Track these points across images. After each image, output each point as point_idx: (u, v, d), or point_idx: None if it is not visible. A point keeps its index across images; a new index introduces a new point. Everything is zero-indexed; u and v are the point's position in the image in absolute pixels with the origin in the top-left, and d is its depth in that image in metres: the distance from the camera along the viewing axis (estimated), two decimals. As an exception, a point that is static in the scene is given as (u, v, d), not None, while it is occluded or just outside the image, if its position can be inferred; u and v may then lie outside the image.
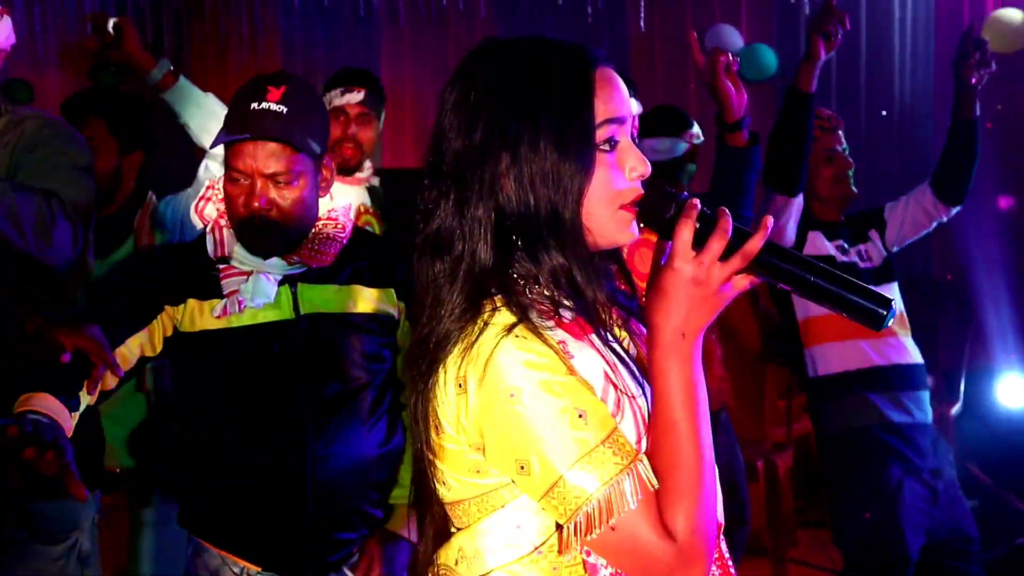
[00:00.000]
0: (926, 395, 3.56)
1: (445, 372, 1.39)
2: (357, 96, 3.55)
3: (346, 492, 2.40)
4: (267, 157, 2.29)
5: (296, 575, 2.42)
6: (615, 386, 1.39)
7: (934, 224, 3.80)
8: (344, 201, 3.57)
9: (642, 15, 5.68)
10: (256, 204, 2.29)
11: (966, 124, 3.69)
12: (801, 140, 3.32)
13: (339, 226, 2.46)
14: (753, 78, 5.58)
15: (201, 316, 2.36)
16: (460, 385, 1.37)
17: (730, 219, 1.37)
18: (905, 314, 3.56)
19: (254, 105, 2.28)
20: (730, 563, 1.52)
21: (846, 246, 3.62)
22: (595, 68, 1.42)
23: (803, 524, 5.50)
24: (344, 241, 2.45)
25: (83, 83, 5.58)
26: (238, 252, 2.37)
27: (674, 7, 6.42)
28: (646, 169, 1.43)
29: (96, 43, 3.16)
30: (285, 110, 2.28)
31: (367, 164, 3.71)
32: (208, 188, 2.46)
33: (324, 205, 2.48)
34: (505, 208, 1.39)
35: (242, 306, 2.34)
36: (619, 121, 1.42)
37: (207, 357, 2.39)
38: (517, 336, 1.35)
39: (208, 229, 2.40)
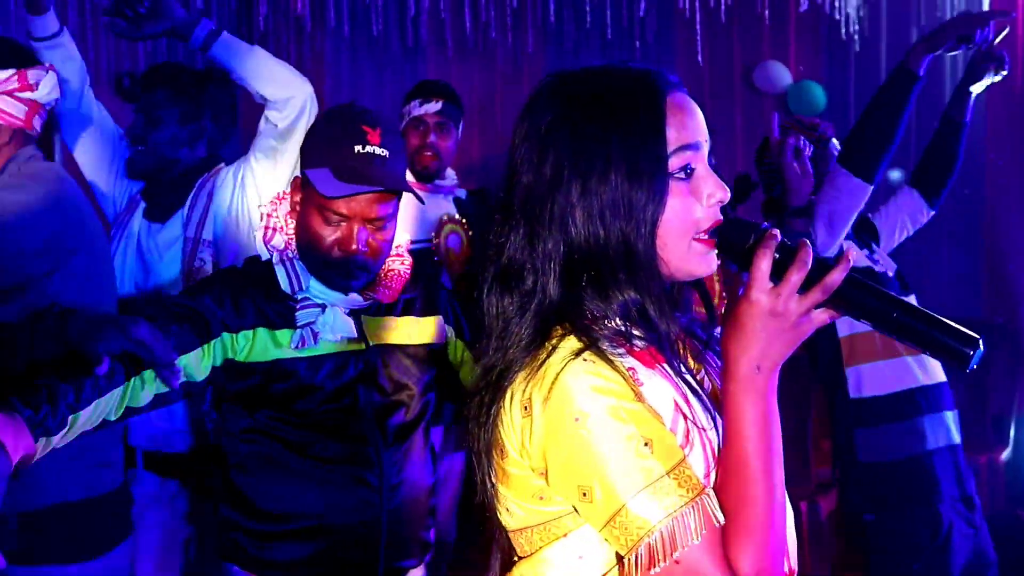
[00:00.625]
0: (957, 415, 3.46)
1: (511, 396, 1.39)
2: (436, 106, 3.74)
3: (413, 520, 2.44)
4: (373, 203, 2.29)
5: None
6: (685, 417, 1.38)
7: (915, 229, 3.68)
8: (429, 210, 3.71)
9: (698, 50, 5.67)
10: (354, 247, 2.29)
11: (961, 126, 3.53)
12: (895, 124, 3.14)
13: (406, 262, 2.48)
14: (802, 114, 5.57)
15: (274, 346, 2.33)
16: (525, 408, 1.37)
17: (811, 250, 1.35)
18: None
19: (358, 148, 2.28)
20: None
21: (870, 255, 3.48)
22: (667, 94, 1.40)
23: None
24: (408, 276, 2.47)
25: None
26: (313, 286, 2.35)
27: (723, 43, 6.43)
28: (725, 195, 1.41)
29: (129, 18, 3.04)
30: (387, 154, 2.29)
31: (450, 173, 3.84)
32: (269, 216, 2.43)
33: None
34: (575, 241, 1.38)
35: (317, 339, 2.32)
36: (693, 148, 1.40)
37: (279, 384, 2.35)
38: (585, 360, 1.34)
39: (276, 261, 2.37)
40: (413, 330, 2.48)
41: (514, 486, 1.42)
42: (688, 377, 1.43)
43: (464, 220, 3.84)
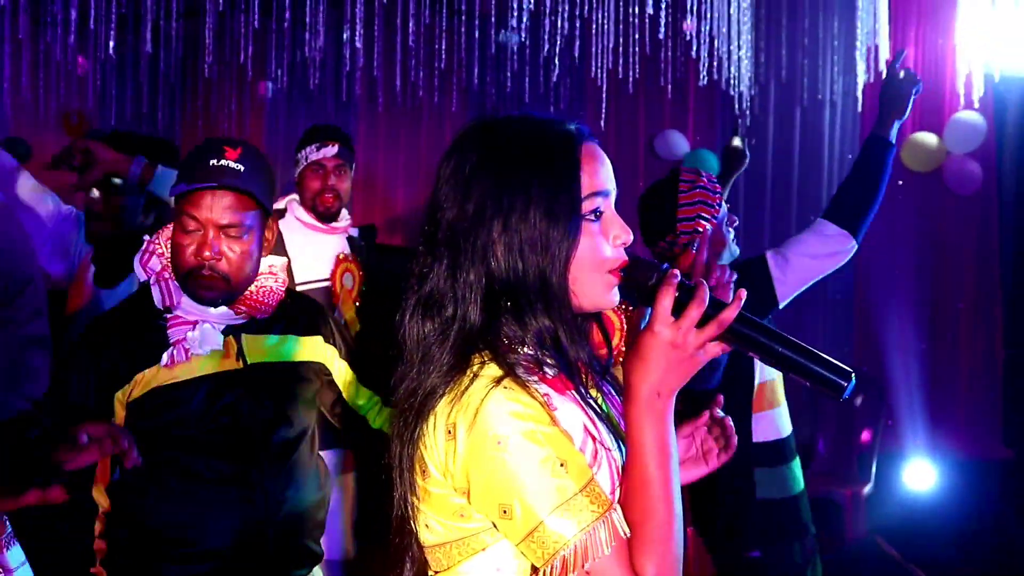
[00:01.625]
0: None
1: (435, 419, 1.43)
2: (332, 150, 3.76)
3: (300, 532, 2.46)
4: (223, 209, 2.33)
5: None
6: (594, 438, 1.44)
7: (836, 264, 3.38)
8: (327, 249, 3.78)
9: (605, 117, 6.12)
10: (207, 253, 2.32)
11: (885, 144, 3.38)
12: (878, 188, 3.28)
13: (279, 280, 2.52)
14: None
15: (154, 377, 2.36)
16: (449, 431, 1.41)
17: (707, 290, 1.44)
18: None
19: (213, 161, 2.33)
20: None
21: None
22: (581, 144, 1.49)
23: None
24: (283, 294, 2.51)
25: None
26: (184, 302, 2.39)
27: (629, 112, 6.88)
28: (628, 237, 1.50)
29: (69, 171, 3.19)
30: (243, 168, 2.34)
31: (345, 214, 3.89)
32: (150, 243, 2.47)
33: (266, 261, 2.51)
34: (495, 273, 1.45)
35: (188, 354, 2.35)
36: (603, 194, 1.49)
37: (160, 412, 2.37)
38: (505, 387, 1.40)
39: (152, 281, 2.42)
40: (294, 348, 2.50)
41: (435, 504, 1.46)
42: (592, 402, 1.50)
43: (356, 260, 3.90)
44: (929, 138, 6.14)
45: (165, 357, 2.34)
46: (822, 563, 3.44)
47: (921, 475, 6.09)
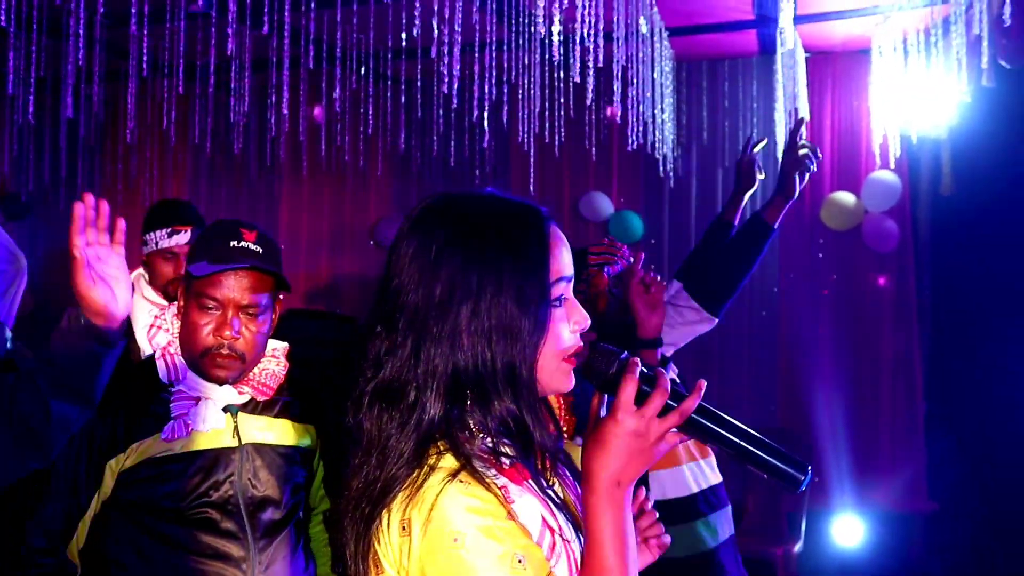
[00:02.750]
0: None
1: (389, 515, 1.40)
2: (186, 236, 3.49)
3: None
4: (243, 289, 2.38)
5: None
6: (552, 530, 1.42)
7: (693, 335, 3.36)
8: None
9: (532, 180, 6.17)
10: (228, 332, 2.37)
11: (767, 229, 3.33)
12: (748, 269, 3.24)
13: (281, 364, 2.56)
14: (621, 240, 6.13)
15: (149, 448, 2.38)
16: (404, 528, 1.38)
17: (668, 379, 1.44)
18: None
19: (233, 243, 2.38)
20: None
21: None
22: (550, 226, 1.48)
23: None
24: (283, 378, 2.55)
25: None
26: (189, 378, 2.43)
27: (554, 175, 6.97)
28: (587, 323, 1.50)
29: None
30: (261, 250, 2.40)
31: None
32: (157, 318, 2.54)
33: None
34: (461, 361, 1.41)
35: (189, 429, 2.39)
36: (568, 280, 1.48)
37: (151, 484, 2.38)
38: (461, 482, 1.37)
39: (158, 355, 2.46)
40: (288, 432, 2.53)
41: None
42: (551, 492, 1.48)
43: None
44: (847, 197, 6.29)
45: (167, 430, 2.37)
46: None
47: (849, 530, 6.16)
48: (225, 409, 2.44)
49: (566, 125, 5.82)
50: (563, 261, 1.47)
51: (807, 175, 3.33)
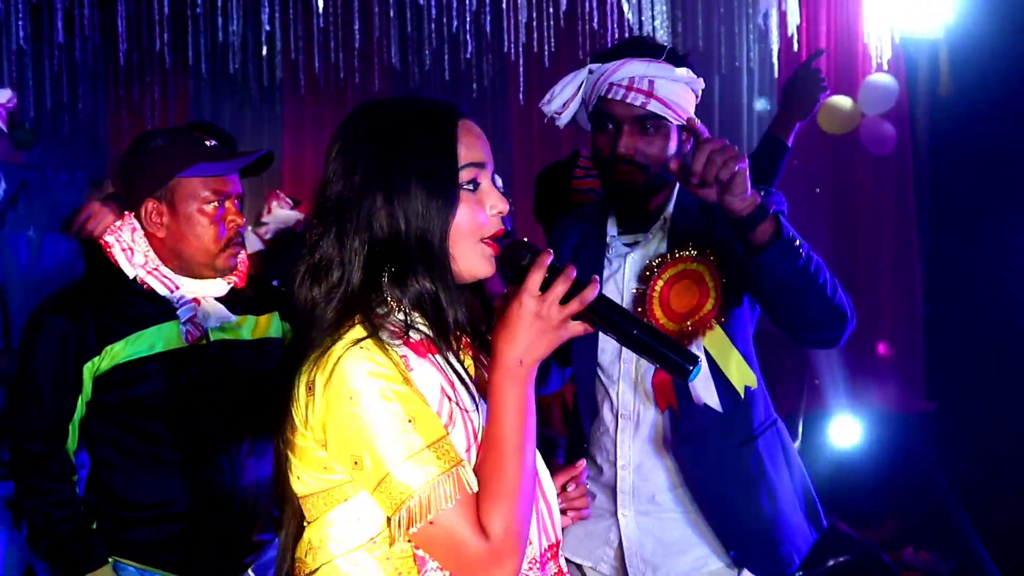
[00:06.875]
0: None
1: (300, 377, 1.54)
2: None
3: (262, 498, 2.57)
4: (235, 180, 2.55)
5: None
6: (450, 399, 1.54)
7: None
8: None
9: (520, 92, 6.18)
10: (240, 220, 2.54)
11: (782, 147, 3.46)
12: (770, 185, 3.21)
13: (243, 253, 2.67)
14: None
15: (121, 351, 2.45)
16: (309, 388, 1.51)
17: (574, 271, 1.53)
18: None
19: (208, 143, 2.52)
20: None
21: None
22: (458, 120, 1.61)
23: None
24: (247, 263, 2.69)
25: None
26: (185, 284, 2.53)
27: (548, 85, 6.96)
28: (504, 207, 1.61)
29: None
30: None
31: None
32: (122, 242, 2.53)
33: None
34: (379, 238, 1.54)
35: (205, 329, 2.51)
36: (479, 165, 1.60)
37: (128, 385, 2.47)
38: (362, 348, 1.49)
39: (144, 274, 2.51)
40: (253, 327, 2.63)
41: (302, 457, 1.55)
42: (457, 366, 1.59)
43: None
44: (844, 101, 6.25)
45: (183, 334, 2.48)
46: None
47: (846, 431, 6.21)
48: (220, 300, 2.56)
49: (557, 35, 5.80)
50: (476, 148, 1.60)
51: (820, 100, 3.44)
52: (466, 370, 1.62)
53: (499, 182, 1.71)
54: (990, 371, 5.89)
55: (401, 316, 1.57)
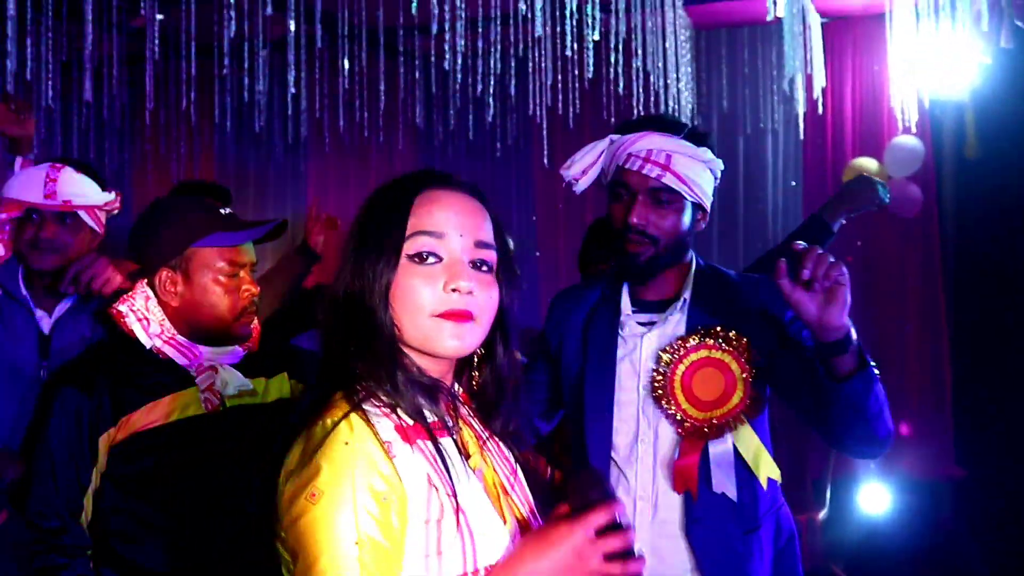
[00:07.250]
0: None
1: (285, 461, 1.50)
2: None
3: None
4: (251, 249, 2.59)
5: None
6: (437, 489, 1.49)
7: None
8: None
9: (544, 153, 6.18)
10: (255, 289, 2.57)
11: (827, 231, 3.52)
12: None
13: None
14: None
15: (138, 421, 2.43)
16: (284, 476, 1.48)
17: (633, 537, 1.50)
18: None
19: (222, 211, 2.53)
20: None
21: None
22: (424, 189, 1.60)
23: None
24: (258, 327, 2.68)
25: None
26: (203, 352, 2.52)
27: (574, 147, 6.95)
28: (466, 285, 1.54)
29: None
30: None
31: None
32: (137, 312, 2.52)
33: None
34: (340, 303, 1.58)
35: (221, 396, 2.48)
36: (433, 235, 1.56)
37: (147, 454, 2.44)
38: (347, 444, 1.45)
39: (161, 344, 2.51)
40: (265, 390, 2.60)
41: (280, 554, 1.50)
42: (446, 449, 1.54)
43: None
44: (869, 163, 6.21)
45: (203, 402, 2.46)
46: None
47: (875, 498, 6.11)
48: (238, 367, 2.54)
49: (582, 97, 5.80)
50: (432, 218, 1.56)
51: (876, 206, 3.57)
52: (460, 446, 1.59)
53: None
54: (1020, 437, 5.81)
55: (384, 396, 1.55)
